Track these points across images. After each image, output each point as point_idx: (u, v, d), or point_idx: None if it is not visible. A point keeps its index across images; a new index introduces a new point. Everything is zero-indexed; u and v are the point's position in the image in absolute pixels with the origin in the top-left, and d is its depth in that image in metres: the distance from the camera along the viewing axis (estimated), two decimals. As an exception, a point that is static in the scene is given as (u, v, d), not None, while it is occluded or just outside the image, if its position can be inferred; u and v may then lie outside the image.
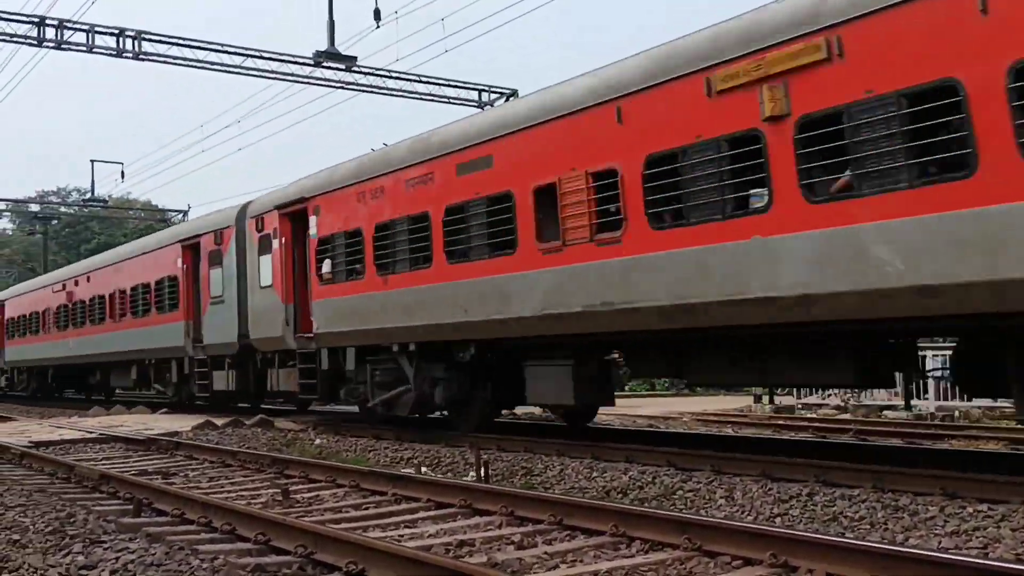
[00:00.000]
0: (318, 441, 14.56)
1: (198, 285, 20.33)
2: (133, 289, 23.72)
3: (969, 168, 7.19)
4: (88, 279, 27.61)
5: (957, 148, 7.29)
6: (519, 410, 17.32)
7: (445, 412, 14.38)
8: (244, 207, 18.55)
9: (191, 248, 20.60)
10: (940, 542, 6.19)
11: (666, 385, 28.36)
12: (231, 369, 18.89)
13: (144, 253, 23.55)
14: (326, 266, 15.21)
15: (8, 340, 35.43)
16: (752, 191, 8.87)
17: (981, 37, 7.08)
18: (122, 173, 43.70)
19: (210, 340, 19.54)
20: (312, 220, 15.66)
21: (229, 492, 9.61)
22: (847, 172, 8.06)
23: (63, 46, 23.05)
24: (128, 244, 28.49)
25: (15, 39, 22.89)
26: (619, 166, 10.15)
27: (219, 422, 16.63)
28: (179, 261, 20.99)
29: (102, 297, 26.07)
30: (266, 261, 17.04)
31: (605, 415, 18.06)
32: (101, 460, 12.66)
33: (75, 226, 74.32)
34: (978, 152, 7.11)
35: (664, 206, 9.79)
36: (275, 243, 16.74)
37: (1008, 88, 6.92)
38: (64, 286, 29.66)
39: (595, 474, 9.76)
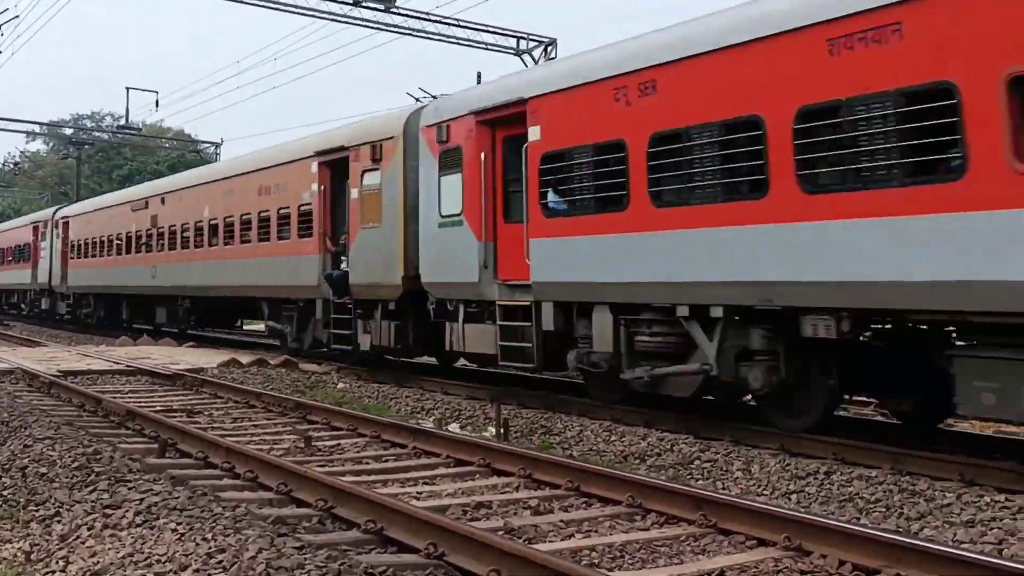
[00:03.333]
0: (341, 385, 14.73)
1: (340, 211, 16.73)
2: (246, 212, 19.92)
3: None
4: (180, 198, 23.75)
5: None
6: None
7: (753, 401, 10.74)
8: (417, 112, 14.63)
9: (331, 165, 16.85)
10: (955, 533, 6.19)
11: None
12: (387, 319, 14.93)
13: (263, 168, 19.57)
14: (553, 194, 11.41)
15: (72, 262, 31.60)
16: None
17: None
18: (156, 102, 43.65)
19: (357, 280, 15.57)
20: (534, 129, 11.65)
21: (252, 435, 9.78)
22: None
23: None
24: (235, 159, 24.29)
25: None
26: None
27: (244, 360, 16.83)
28: (314, 182, 17.14)
29: (200, 221, 22.26)
30: (452, 183, 13.20)
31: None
32: (128, 393, 12.90)
33: (108, 151, 74.70)
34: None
35: None
36: (468, 159, 12.84)
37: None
38: (147, 204, 25.74)
39: (613, 438, 9.81)
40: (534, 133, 11.63)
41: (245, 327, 28.12)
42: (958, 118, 7.28)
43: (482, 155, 12.52)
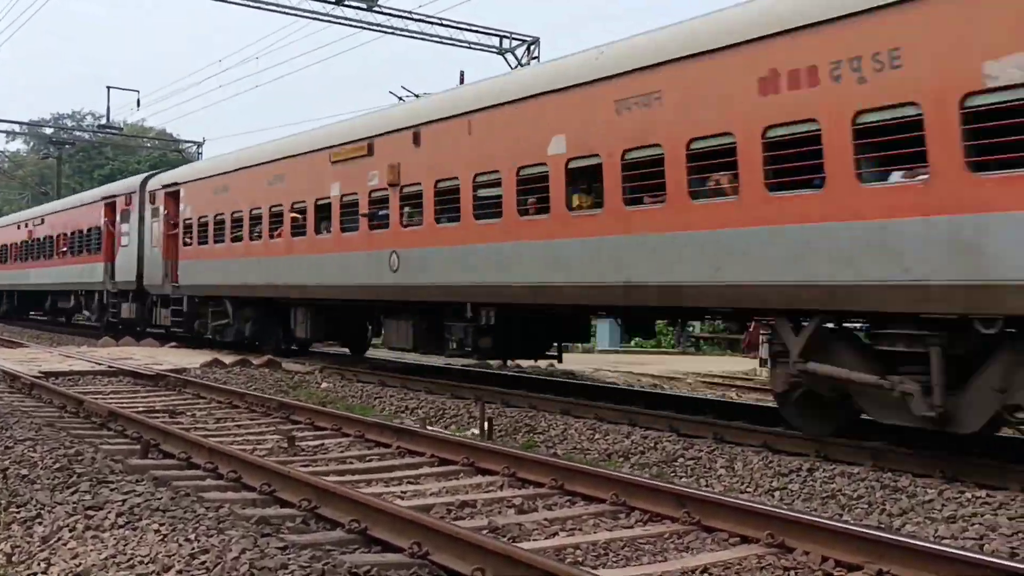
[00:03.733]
0: (324, 385, 14.69)
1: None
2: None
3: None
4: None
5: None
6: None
7: None
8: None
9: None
10: (937, 529, 6.24)
11: (672, 343, 28.44)
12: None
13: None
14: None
15: (185, 251, 21.88)
16: None
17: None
18: (138, 101, 43.58)
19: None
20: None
21: (236, 435, 9.74)
22: None
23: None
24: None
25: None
26: None
27: (227, 360, 16.76)
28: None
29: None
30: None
31: (609, 373, 18.18)
32: (110, 394, 12.81)
33: (89, 151, 74.23)
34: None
35: None
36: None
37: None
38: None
39: (597, 436, 9.84)
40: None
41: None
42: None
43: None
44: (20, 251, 34.52)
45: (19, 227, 34.94)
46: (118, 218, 25.04)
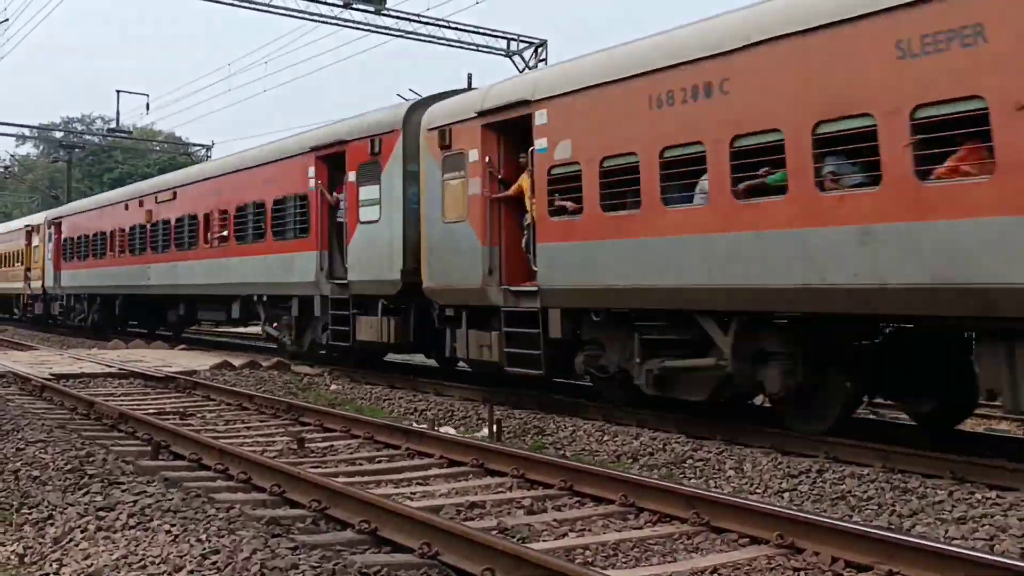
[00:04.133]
0: (333, 387, 14.72)
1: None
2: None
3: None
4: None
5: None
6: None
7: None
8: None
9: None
10: (947, 530, 6.22)
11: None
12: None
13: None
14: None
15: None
16: None
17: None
18: (147, 105, 43.75)
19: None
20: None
21: (245, 437, 9.77)
22: None
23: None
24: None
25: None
26: None
27: (236, 362, 16.80)
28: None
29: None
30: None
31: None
32: (120, 396, 12.87)
33: (99, 154, 74.54)
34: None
35: None
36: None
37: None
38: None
39: (606, 437, 9.84)
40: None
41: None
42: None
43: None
44: (127, 241, 25.43)
45: (126, 206, 25.72)
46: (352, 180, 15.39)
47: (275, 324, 18.15)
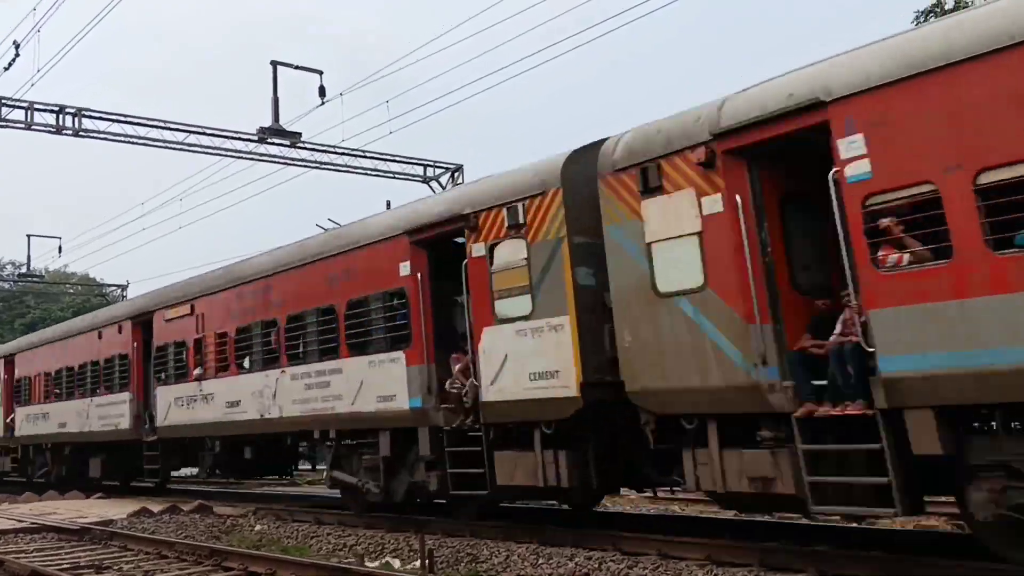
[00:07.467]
0: (258, 527, 14.23)
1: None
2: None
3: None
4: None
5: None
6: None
7: None
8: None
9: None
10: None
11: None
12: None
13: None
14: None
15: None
16: None
17: None
18: (59, 248, 42.90)
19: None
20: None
21: (165, 588, 9.34)
22: None
23: (1, 123, 22.80)
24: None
25: (-47, 117, 22.61)
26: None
27: (156, 508, 16.18)
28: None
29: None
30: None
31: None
32: (32, 552, 12.23)
33: (9, 300, 72.72)
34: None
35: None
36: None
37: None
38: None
39: (541, 560, 9.67)
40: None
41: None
42: None
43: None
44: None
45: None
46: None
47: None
